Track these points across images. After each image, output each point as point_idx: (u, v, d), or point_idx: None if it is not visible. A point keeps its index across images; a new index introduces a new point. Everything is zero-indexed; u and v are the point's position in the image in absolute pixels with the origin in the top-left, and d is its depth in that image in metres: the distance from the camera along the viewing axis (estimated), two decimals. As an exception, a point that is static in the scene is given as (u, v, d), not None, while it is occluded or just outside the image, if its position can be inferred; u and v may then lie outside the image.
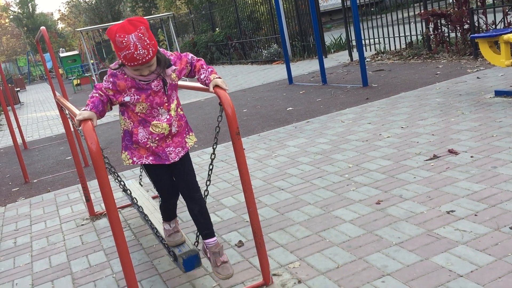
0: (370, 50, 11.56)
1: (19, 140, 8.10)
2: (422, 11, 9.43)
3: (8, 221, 4.59)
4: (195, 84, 2.76)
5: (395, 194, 3.46)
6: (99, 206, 4.44)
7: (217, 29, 19.44)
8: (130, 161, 2.53)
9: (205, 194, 2.65)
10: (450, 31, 9.00)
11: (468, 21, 8.31)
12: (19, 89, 23.87)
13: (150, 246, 3.42)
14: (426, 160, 3.99)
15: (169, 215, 2.86)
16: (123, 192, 2.67)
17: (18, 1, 51.20)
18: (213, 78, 2.48)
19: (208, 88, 2.51)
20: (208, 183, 2.64)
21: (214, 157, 2.59)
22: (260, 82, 11.10)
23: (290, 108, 7.33)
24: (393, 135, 4.86)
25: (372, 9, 11.85)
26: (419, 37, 10.12)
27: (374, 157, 4.31)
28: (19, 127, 8.53)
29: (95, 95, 2.40)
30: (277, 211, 3.58)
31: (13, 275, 3.39)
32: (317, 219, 3.30)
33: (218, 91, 2.43)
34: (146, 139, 2.47)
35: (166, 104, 2.46)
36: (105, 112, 2.43)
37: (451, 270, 2.43)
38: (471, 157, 3.86)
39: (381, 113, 5.85)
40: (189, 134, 2.64)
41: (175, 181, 2.66)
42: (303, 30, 13.83)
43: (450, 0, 10.23)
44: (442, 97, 6.04)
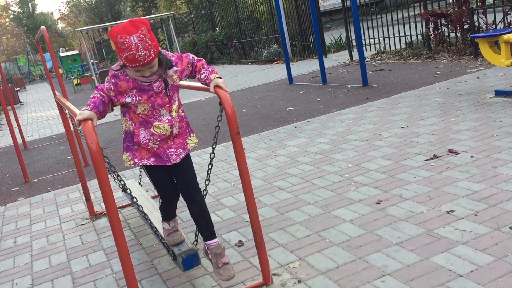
0: (370, 50, 11.56)
1: (19, 140, 8.09)
2: (422, 11, 9.42)
3: (8, 221, 4.59)
4: (196, 84, 2.75)
5: (395, 194, 3.46)
6: (99, 206, 4.44)
7: (217, 29, 19.43)
8: (132, 162, 2.53)
9: (204, 194, 2.65)
10: (450, 31, 9.00)
11: (468, 21, 8.31)
12: (19, 89, 23.87)
13: (150, 246, 3.42)
14: (426, 160, 3.99)
15: (169, 215, 2.86)
16: (123, 192, 2.66)
17: (18, 1, 51.22)
18: (214, 78, 2.48)
19: (209, 88, 2.51)
20: (207, 183, 2.65)
21: (214, 157, 2.58)
22: (260, 82, 11.10)
23: (290, 108, 7.33)
24: (393, 135, 4.86)
25: (372, 9, 11.85)
26: (419, 37, 10.12)
27: (374, 157, 4.31)
28: (19, 127, 8.53)
29: (97, 96, 2.40)
30: (277, 211, 3.58)
31: (13, 275, 3.39)
32: (317, 219, 3.30)
33: (218, 91, 2.43)
34: (148, 140, 2.47)
35: (168, 105, 2.46)
36: (106, 113, 2.43)
37: (451, 270, 2.43)
38: (471, 157, 3.86)
39: (381, 113, 5.85)
40: (190, 135, 2.63)
41: (176, 183, 2.66)
42: (303, 30, 13.83)
43: (450, 0, 10.22)
44: (442, 97, 6.04)
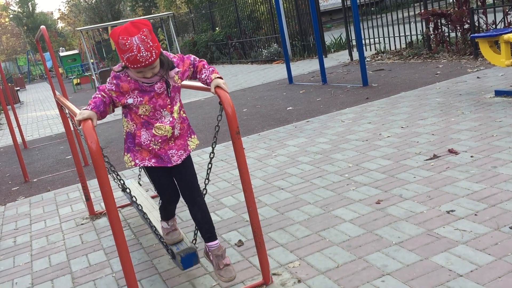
0: (370, 50, 11.56)
1: (19, 139, 8.09)
2: (422, 11, 9.42)
3: (8, 220, 4.59)
4: (196, 84, 2.75)
5: (395, 194, 3.46)
6: (99, 205, 4.44)
7: (217, 29, 19.43)
8: (133, 163, 2.53)
9: (204, 193, 2.65)
10: (450, 31, 9.00)
11: (468, 21, 8.30)
12: (19, 88, 23.85)
13: (150, 246, 3.42)
14: (426, 160, 3.99)
15: (168, 215, 2.88)
16: (123, 191, 2.67)
17: (18, 0, 51.16)
18: (214, 78, 2.48)
19: (209, 88, 2.51)
20: (207, 182, 2.65)
21: (213, 156, 2.58)
22: (260, 82, 11.10)
23: (290, 108, 7.33)
24: (393, 135, 4.86)
25: (372, 9, 11.85)
26: (419, 37, 10.11)
27: (374, 157, 4.31)
28: (19, 126, 8.53)
29: (98, 96, 2.40)
30: (277, 211, 3.57)
31: (13, 274, 3.39)
32: (317, 219, 3.30)
33: (219, 91, 2.43)
34: (149, 141, 2.47)
35: (169, 106, 2.46)
36: (107, 114, 2.43)
37: (451, 270, 2.43)
38: (471, 157, 3.86)
39: (381, 113, 5.85)
40: (191, 137, 2.63)
41: (177, 184, 2.66)
42: (303, 30, 13.82)
43: (450, 0, 10.22)
44: (442, 97, 6.04)
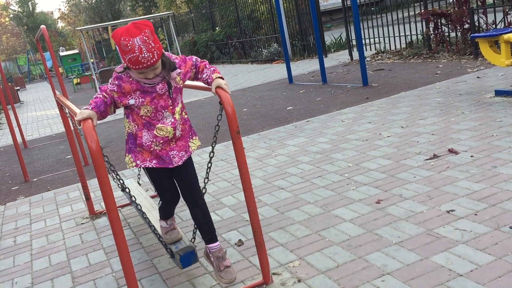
0: (370, 50, 11.56)
1: (19, 139, 8.09)
2: (422, 11, 9.42)
3: (8, 220, 4.59)
4: (197, 84, 2.75)
5: (395, 194, 3.46)
6: (99, 205, 4.44)
7: (217, 28, 19.43)
8: (134, 164, 2.53)
9: (203, 192, 2.65)
10: (450, 31, 8.99)
11: (469, 21, 8.30)
12: (19, 88, 23.83)
13: (150, 245, 3.42)
14: (426, 160, 3.99)
15: (167, 215, 2.89)
16: (122, 191, 2.67)
17: (18, 0, 51.17)
18: (215, 77, 2.48)
19: (210, 87, 2.52)
20: (206, 181, 2.65)
21: (213, 155, 2.59)
22: (260, 81, 11.10)
23: (290, 108, 7.33)
24: (393, 135, 4.86)
25: (372, 9, 11.85)
26: (419, 37, 10.11)
27: (374, 157, 4.31)
28: (19, 126, 8.53)
29: (99, 96, 2.41)
30: (277, 210, 3.57)
31: (13, 274, 3.39)
32: (317, 218, 3.30)
33: (219, 91, 2.43)
34: (150, 142, 2.47)
35: (171, 107, 2.46)
36: (107, 114, 2.43)
37: (451, 270, 2.43)
38: (471, 157, 3.86)
39: (381, 113, 5.85)
40: (193, 138, 2.63)
41: (178, 185, 2.66)
42: (303, 30, 13.82)
43: (450, 0, 10.22)
44: (442, 97, 6.04)
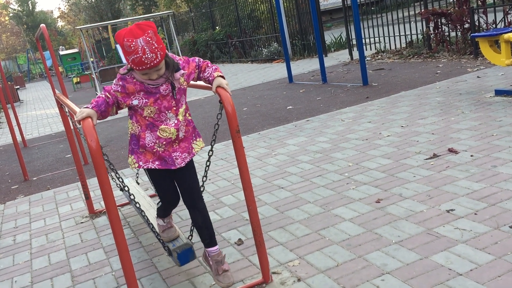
0: (371, 49, 11.56)
1: (19, 138, 8.09)
2: (423, 10, 9.42)
3: (8, 219, 4.59)
4: (197, 83, 2.75)
5: (395, 193, 3.46)
6: (99, 204, 4.44)
7: (217, 28, 19.42)
8: (136, 165, 2.52)
9: (201, 191, 2.65)
10: (451, 30, 8.99)
11: (469, 20, 8.30)
12: (19, 87, 23.81)
13: (150, 244, 3.42)
14: (426, 159, 3.99)
15: (165, 214, 2.89)
16: (121, 190, 2.67)
17: (18, -1, 51.18)
18: (217, 76, 2.48)
19: (210, 86, 2.52)
20: (205, 179, 2.64)
21: (212, 154, 2.59)
22: (260, 81, 11.10)
23: (290, 107, 7.33)
24: (393, 134, 4.85)
25: (373, 8, 11.85)
26: (420, 36, 10.11)
27: (374, 156, 4.31)
28: (19, 125, 8.53)
29: (101, 96, 2.41)
30: (277, 210, 3.57)
31: (12, 273, 3.39)
32: (317, 218, 3.30)
33: (219, 90, 2.43)
34: (153, 144, 2.47)
35: (174, 108, 2.46)
36: (108, 114, 2.43)
37: (451, 269, 2.43)
38: (471, 156, 3.86)
39: (381, 112, 5.85)
40: (196, 140, 2.62)
41: (178, 188, 2.65)
42: (304, 29, 13.82)
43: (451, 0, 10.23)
44: (442, 96, 6.04)
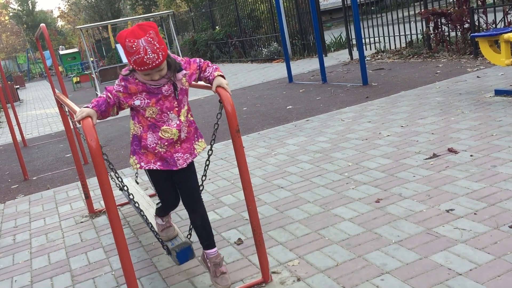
0: (370, 49, 11.56)
1: (19, 138, 8.08)
2: (422, 10, 9.42)
3: (7, 218, 4.59)
4: (197, 82, 2.76)
5: (395, 193, 3.46)
6: (99, 204, 4.44)
7: (217, 27, 19.43)
8: (138, 166, 2.52)
9: (200, 189, 2.65)
10: (450, 30, 8.99)
11: (468, 20, 8.30)
12: (19, 87, 23.79)
13: (149, 244, 3.42)
14: (426, 159, 3.99)
15: (164, 214, 2.89)
16: (120, 190, 2.67)
17: (18, -2, 51.16)
18: (217, 75, 2.48)
19: (210, 86, 2.52)
20: (204, 178, 2.65)
21: (212, 153, 2.59)
22: (260, 81, 11.10)
23: (290, 107, 7.33)
24: (393, 134, 4.86)
25: (373, 8, 11.85)
26: (419, 36, 10.11)
27: (374, 156, 4.31)
28: (19, 125, 8.53)
29: (103, 96, 2.41)
30: (277, 209, 3.58)
31: (12, 272, 3.39)
32: (317, 217, 3.30)
33: (219, 90, 2.43)
34: (155, 144, 2.47)
35: (177, 109, 2.46)
36: (109, 114, 2.43)
37: (450, 269, 2.43)
38: (471, 156, 3.86)
39: (381, 112, 5.85)
40: (199, 140, 2.62)
41: (178, 190, 2.65)
42: (303, 29, 13.82)
43: (451, -1, 10.23)
44: (442, 96, 6.04)
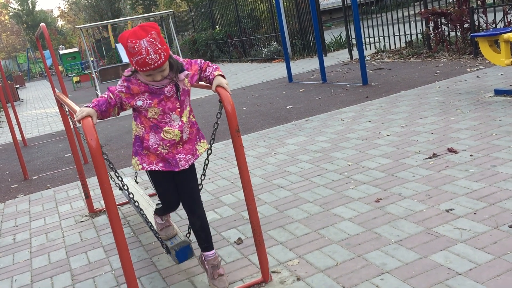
0: (370, 49, 11.56)
1: (19, 137, 8.08)
2: (422, 10, 9.42)
3: (7, 218, 4.59)
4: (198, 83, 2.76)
5: (395, 192, 3.46)
6: (99, 203, 4.44)
7: (217, 27, 19.43)
8: (140, 167, 2.52)
9: (199, 189, 2.66)
10: (450, 30, 9.00)
11: (468, 20, 8.31)
12: (19, 86, 23.79)
13: (149, 243, 3.42)
14: (426, 159, 3.99)
15: (163, 214, 2.89)
16: (120, 189, 2.67)
17: (18, -2, 51.17)
18: (217, 74, 2.48)
19: (210, 86, 2.52)
20: (203, 178, 2.65)
21: (211, 153, 2.59)
22: (260, 80, 11.10)
23: (290, 106, 7.33)
24: (393, 134, 4.86)
25: (372, 8, 11.85)
26: (419, 36, 10.11)
27: (374, 156, 4.32)
28: (19, 124, 8.53)
29: (104, 96, 2.41)
30: (277, 209, 3.58)
31: (12, 271, 3.39)
32: (316, 217, 3.31)
33: (219, 89, 2.43)
34: (157, 145, 2.47)
35: (179, 110, 2.46)
36: (109, 115, 2.43)
37: (450, 268, 2.43)
38: (471, 156, 3.87)
39: (381, 112, 5.86)
40: (201, 141, 2.63)
41: (179, 192, 2.65)
42: (303, 29, 13.82)
43: (450, -1, 10.23)
44: (442, 96, 6.04)
